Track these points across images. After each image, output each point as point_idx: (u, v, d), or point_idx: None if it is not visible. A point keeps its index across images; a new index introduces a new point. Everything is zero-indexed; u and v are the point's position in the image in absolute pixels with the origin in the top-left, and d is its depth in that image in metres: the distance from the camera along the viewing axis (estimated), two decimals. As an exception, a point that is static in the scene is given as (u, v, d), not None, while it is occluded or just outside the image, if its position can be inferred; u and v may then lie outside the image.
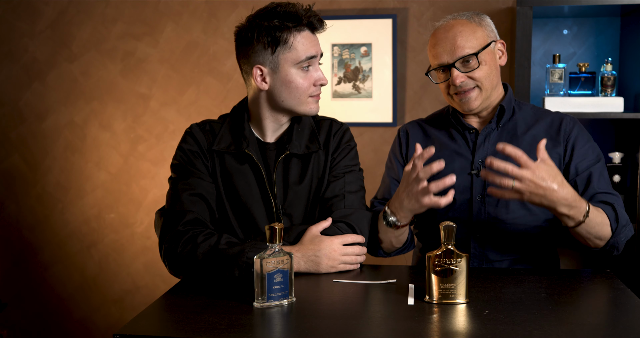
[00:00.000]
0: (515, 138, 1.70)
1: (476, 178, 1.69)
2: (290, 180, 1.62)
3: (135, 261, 3.10)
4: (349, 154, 1.68)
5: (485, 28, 1.69)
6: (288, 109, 1.60)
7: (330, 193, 1.62)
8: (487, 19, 1.73)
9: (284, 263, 1.28)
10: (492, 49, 1.69)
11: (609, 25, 2.70)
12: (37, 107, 3.09)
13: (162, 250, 1.53)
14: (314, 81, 1.58)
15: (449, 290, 1.28)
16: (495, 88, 1.71)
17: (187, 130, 1.66)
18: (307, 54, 1.55)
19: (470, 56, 1.63)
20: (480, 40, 1.66)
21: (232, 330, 1.14)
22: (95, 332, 3.16)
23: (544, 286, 1.40)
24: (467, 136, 1.74)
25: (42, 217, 3.14)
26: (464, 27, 1.66)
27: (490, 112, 1.74)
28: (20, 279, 3.19)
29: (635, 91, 2.53)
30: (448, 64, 1.65)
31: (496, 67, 1.70)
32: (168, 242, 1.51)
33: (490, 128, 1.72)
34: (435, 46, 1.68)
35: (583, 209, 1.48)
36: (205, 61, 2.96)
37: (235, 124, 1.65)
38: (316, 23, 1.58)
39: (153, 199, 3.05)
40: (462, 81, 1.64)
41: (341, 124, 1.72)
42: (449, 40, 1.65)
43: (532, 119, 1.74)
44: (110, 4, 2.99)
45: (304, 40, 1.55)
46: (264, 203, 1.61)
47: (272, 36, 1.53)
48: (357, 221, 1.58)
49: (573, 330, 1.13)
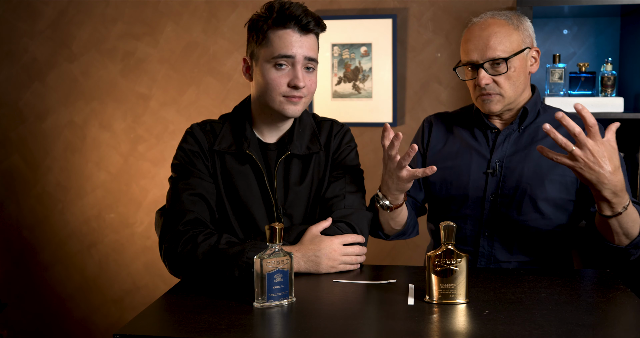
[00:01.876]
0: (535, 141, 1.69)
1: (491, 178, 1.69)
2: (290, 181, 1.62)
3: (135, 261, 3.10)
4: (349, 155, 1.68)
5: (522, 33, 1.65)
6: (268, 107, 1.58)
7: (331, 193, 1.63)
8: (527, 22, 1.69)
9: (284, 263, 1.28)
10: (524, 55, 1.65)
11: (609, 25, 2.70)
12: (37, 107, 3.09)
13: (162, 250, 1.53)
14: (288, 81, 1.54)
15: (448, 290, 1.28)
16: (520, 94, 1.68)
17: (188, 130, 1.66)
18: (281, 52, 1.53)
19: (500, 59, 1.61)
20: (514, 44, 1.63)
21: (232, 330, 1.14)
22: (95, 332, 3.16)
23: (544, 286, 1.40)
24: (488, 135, 1.74)
25: (42, 217, 3.14)
26: (500, 28, 1.63)
27: (514, 113, 1.72)
28: (20, 279, 3.19)
29: (635, 91, 2.53)
30: (477, 63, 1.63)
31: (525, 75, 1.67)
32: (168, 242, 1.51)
33: (511, 129, 1.71)
34: (468, 42, 1.65)
35: (625, 201, 1.44)
36: (205, 61, 2.96)
37: (237, 125, 1.65)
38: (307, 22, 1.53)
39: (153, 199, 3.05)
40: (487, 84, 1.63)
41: (342, 125, 1.72)
42: (483, 40, 1.62)
43: (555, 123, 1.69)
44: (110, 4, 2.99)
45: (286, 38, 1.53)
46: (264, 204, 1.61)
47: (255, 28, 1.56)
48: (357, 221, 1.58)
49: (573, 330, 1.13)
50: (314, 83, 1.59)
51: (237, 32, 2.92)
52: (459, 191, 1.71)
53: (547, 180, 1.65)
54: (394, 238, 1.76)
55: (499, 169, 1.69)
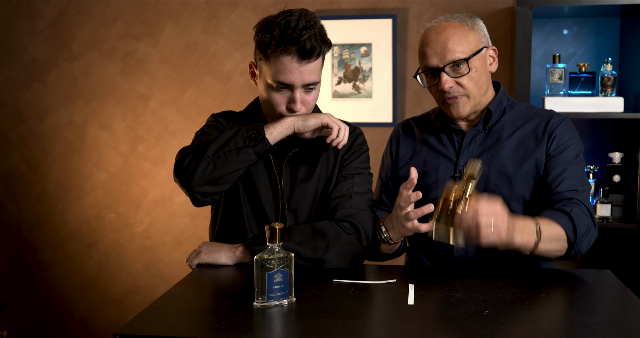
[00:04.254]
0: (500, 141, 1.68)
1: (459, 181, 1.68)
2: (297, 177, 1.64)
3: (135, 261, 3.10)
4: (360, 157, 1.68)
5: (478, 33, 1.65)
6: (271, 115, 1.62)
7: (337, 192, 1.63)
8: (480, 23, 1.69)
9: (284, 263, 1.28)
10: (483, 54, 1.65)
11: (609, 25, 2.70)
12: (37, 107, 3.09)
13: (175, 168, 1.53)
14: (287, 103, 1.56)
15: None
16: (484, 94, 1.68)
17: (211, 116, 1.73)
18: (279, 79, 1.51)
19: (461, 60, 1.60)
20: (472, 45, 1.62)
21: (232, 330, 1.14)
22: (95, 332, 3.17)
23: (544, 286, 1.40)
24: (453, 138, 1.73)
25: (42, 217, 3.14)
26: (456, 30, 1.62)
27: (478, 115, 1.70)
28: (20, 279, 3.19)
29: (635, 91, 2.53)
30: (437, 67, 1.62)
31: (486, 74, 1.67)
32: (179, 156, 1.54)
33: (476, 131, 1.70)
34: (425, 47, 1.64)
35: (530, 240, 1.45)
36: (205, 61, 2.96)
37: (250, 118, 1.68)
38: (311, 50, 1.48)
39: (153, 199, 3.05)
40: (450, 87, 1.61)
41: (355, 128, 1.72)
42: (440, 43, 1.61)
43: (522, 120, 1.70)
44: (110, 4, 2.99)
45: (285, 64, 1.49)
46: (273, 197, 1.63)
47: (263, 43, 1.52)
48: (361, 222, 1.58)
49: (573, 330, 1.13)
50: (313, 100, 1.60)
51: (237, 32, 2.92)
52: (431, 195, 1.68)
53: (515, 179, 1.64)
54: (386, 259, 1.76)
55: None
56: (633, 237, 2.48)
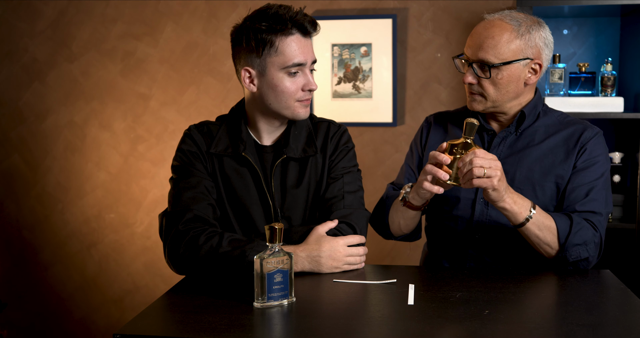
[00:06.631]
0: (531, 146, 1.67)
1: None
2: (288, 183, 1.62)
3: (135, 261, 3.10)
4: (347, 156, 1.68)
5: (527, 42, 1.58)
6: (276, 113, 1.59)
7: (330, 193, 1.63)
8: (540, 33, 1.60)
9: (284, 263, 1.28)
10: (519, 66, 1.59)
11: (609, 25, 2.70)
12: (37, 107, 3.09)
13: (165, 251, 1.54)
14: (302, 86, 1.56)
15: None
16: (509, 101, 1.65)
17: (186, 132, 1.66)
18: (295, 61, 1.53)
19: (489, 63, 1.58)
20: (510, 53, 1.57)
21: (232, 330, 1.14)
22: (95, 332, 3.17)
23: (544, 287, 1.41)
24: (484, 136, 1.72)
25: (42, 217, 3.14)
26: (502, 32, 1.57)
27: (510, 117, 1.69)
28: (20, 279, 3.19)
29: (635, 91, 2.53)
30: (469, 60, 1.62)
31: (516, 84, 1.61)
32: (170, 243, 1.52)
33: (508, 132, 1.69)
34: (470, 37, 1.63)
35: (524, 210, 1.51)
36: (205, 61, 2.96)
37: (233, 127, 1.65)
38: (308, 26, 1.54)
39: (153, 199, 3.05)
40: (470, 83, 1.62)
41: (339, 126, 1.71)
42: (480, 39, 1.59)
43: (555, 127, 1.68)
44: (110, 4, 2.99)
45: (293, 45, 1.53)
46: (262, 206, 1.61)
47: (257, 39, 1.52)
48: (356, 221, 1.59)
49: (573, 330, 1.13)
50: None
51: (237, 32, 2.92)
52: (451, 192, 1.69)
53: (538, 186, 1.64)
54: (399, 239, 1.76)
55: None
56: (633, 237, 2.48)
